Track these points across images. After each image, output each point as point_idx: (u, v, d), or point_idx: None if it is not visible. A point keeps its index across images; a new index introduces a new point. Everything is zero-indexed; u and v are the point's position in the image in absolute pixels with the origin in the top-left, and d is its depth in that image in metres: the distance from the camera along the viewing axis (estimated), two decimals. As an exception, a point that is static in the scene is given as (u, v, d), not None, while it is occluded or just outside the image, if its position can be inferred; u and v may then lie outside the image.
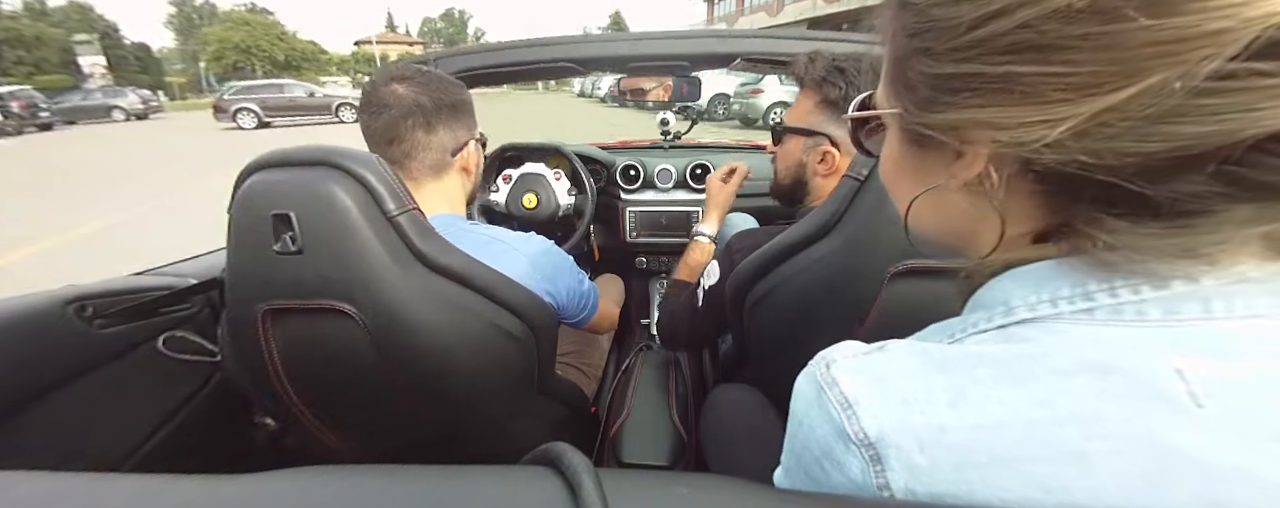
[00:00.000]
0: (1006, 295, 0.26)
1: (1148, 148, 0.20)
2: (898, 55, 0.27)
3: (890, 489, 0.23)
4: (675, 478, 0.25)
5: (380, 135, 0.72)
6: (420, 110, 0.71)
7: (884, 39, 0.29)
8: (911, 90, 0.27)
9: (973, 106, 0.23)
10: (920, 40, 0.25)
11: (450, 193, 0.78)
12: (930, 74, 0.25)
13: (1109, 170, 0.21)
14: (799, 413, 0.28)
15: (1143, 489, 0.19)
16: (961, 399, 0.23)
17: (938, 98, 0.25)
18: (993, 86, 0.22)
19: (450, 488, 0.24)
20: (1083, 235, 0.24)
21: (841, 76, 0.73)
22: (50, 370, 0.67)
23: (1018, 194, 0.26)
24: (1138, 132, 0.20)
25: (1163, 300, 0.22)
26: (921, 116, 0.27)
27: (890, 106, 0.30)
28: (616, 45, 1.09)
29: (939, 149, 0.27)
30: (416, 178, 0.75)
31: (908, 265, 0.55)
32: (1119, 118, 0.20)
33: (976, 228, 0.29)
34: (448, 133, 0.74)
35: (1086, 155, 0.21)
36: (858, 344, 0.28)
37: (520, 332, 0.65)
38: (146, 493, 0.24)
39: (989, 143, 0.23)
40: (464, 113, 0.77)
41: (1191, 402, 0.20)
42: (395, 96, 0.70)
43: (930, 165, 0.29)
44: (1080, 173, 0.21)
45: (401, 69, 0.73)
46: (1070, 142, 0.21)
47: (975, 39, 0.22)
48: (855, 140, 0.39)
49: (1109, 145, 0.20)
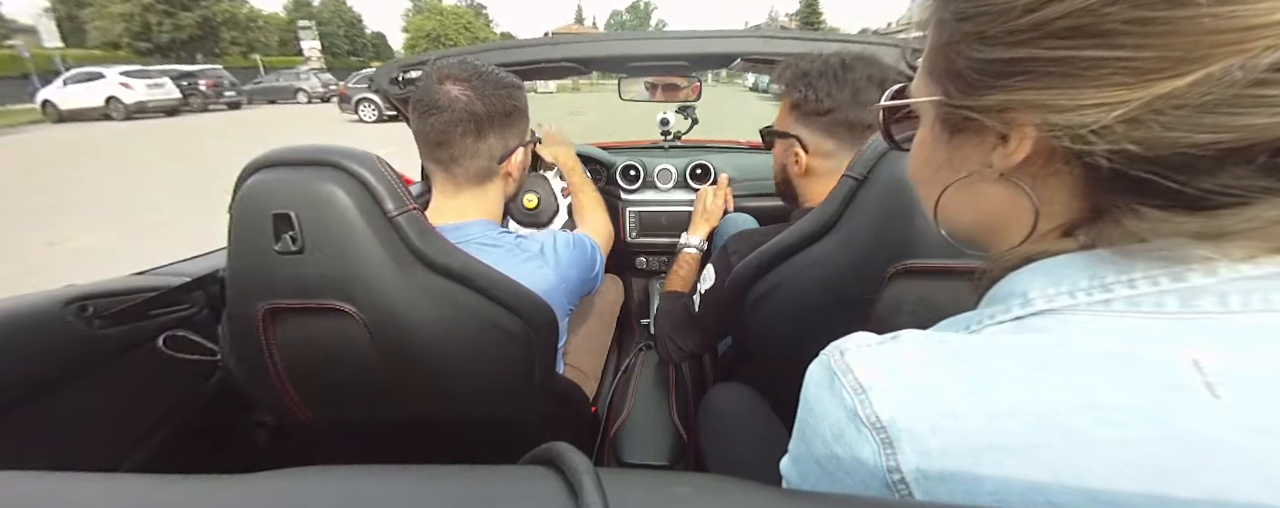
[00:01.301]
0: (1025, 288, 0.26)
1: (1200, 138, 0.20)
2: (943, 41, 0.27)
3: (900, 472, 0.23)
4: (676, 478, 0.25)
5: (429, 137, 0.70)
6: (472, 118, 0.69)
7: (923, 27, 0.29)
8: (957, 76, 0.27)
9: (1024, 89, 0.23)
10: (972, 24, 0.25)
11: (489, 199, 0.77)
12: (981, 59, 0.25)
13: (1155, 163, 0.21)
14: (810, 399, 0.28)
15: (1156, 479, 0.19)
16: (977, 387, 0.23)
17: (987, 82, 0.25)
18: (1048, 70, 0.22)
19: (450, 488, 0.24)
20: (1114, 226, 0.24)
21: (804, 80, 0.75)
22: (50, 370, 0.67)
23: (1056, 185, 0.26)
24: (1192, 121, 0.19)
25: (1180, 293, 0.22)
26: (966, 101, 0.26)
27: (928, 94, 0.30)
28: (617, 45, 1.09)
29: (979, 136, 0.27)
30: (459, 183, 0.73)
31: (907, 265, 0.55)
32: (1175, 105, 0.20)
33: (1008, 219, 0.28)
34: (498, 140, 0.73)
35: (1135, 145, 0.21)
36: (871, 335, 0.28)
37: (520, 331, 0.65)
38: (146, 493, 0.24)
39: (1039, 126, 0.23)
40: (517, 118, 0.75)
41: (1208, 393, 0.20)
42: (449, 98, 0.68)
43: (966, 154, 0.29)
44: (1125, 165, 0.21)
45: (457, 68, 0.70)
46: (1121, 129, 0.21)
47: (1032, 22, 0.22)
48: (885, 133, 0.39)
49: (1162, 135, 0.20)
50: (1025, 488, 0.21)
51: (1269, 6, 0.18)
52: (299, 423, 0.69)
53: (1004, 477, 0.21)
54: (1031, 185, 0.26)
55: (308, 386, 0.65)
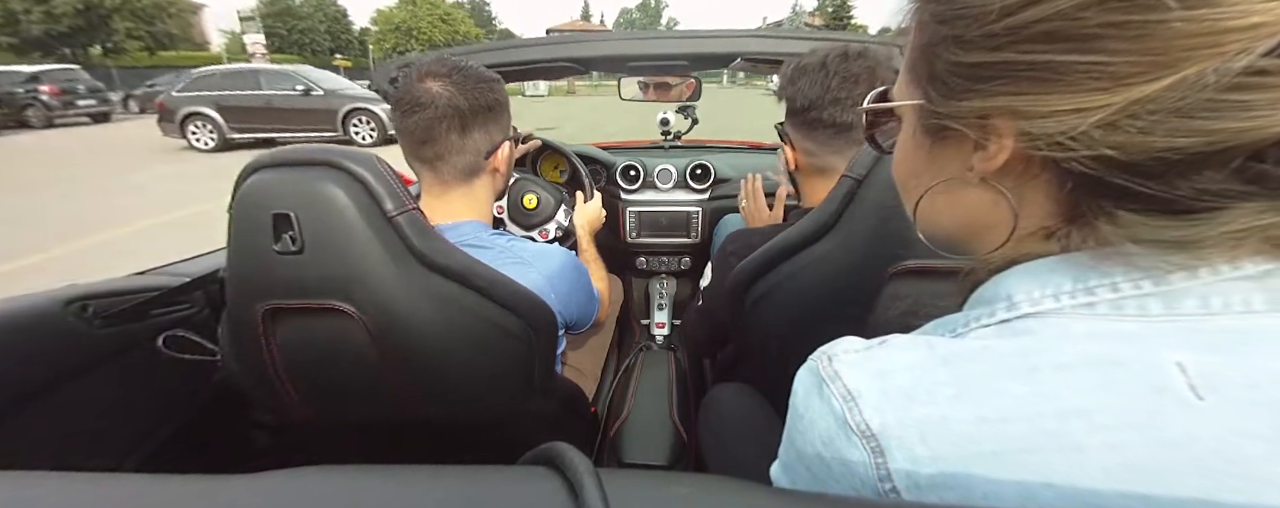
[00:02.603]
0: (1009, 291, 0.26)
1: (1177, 142, 0.20)
2: (924, 44, 0.27)
3: (891, 479, 0.23)
4: (676, 478, 0.25)
5: (414, 135, 0.70)
6: (456, 113, 0.69)
7: (908, 30, 0.29)
8: (936, 80, 0.27)
9: (1002, 94, 0.23)
10: (950, 28, 0.25)
11: (478, 198, 0.77)
12: (959, 63, 0.25)
13: (1132, 168, 0.21)
14: (799, 406, 0.28)
15: (1143, 482, 0.19)
16: (965, 392, 0.23)
17: (964, 86, 0.25)
18: (1024, 74, 0.22)
19: (450, 488, 0.24)
20: (1093, 230, 0.24)
21: (789, 77, 0.76)
22: (50, 370, 0.67)
23: (1035, 189, 0.26)
24: (1168, 125, 0.20)
25: (1163, 296, 0.22)
26: (945, 105, 0.26)
27: (910, 98, 0.30)
28: (617, 45, 1.09)
29: (958, 141, 0.27)
30: (447, 182, 0.73)
31: (907, 265, 0.55)
32: (1150, 110, 0.20)
33: (987, 223, 0.29)
34: (482, 135, 0.73)
35: (1113, 150, 0.21)
36: (858, 340, 0.28)
37: (520, 331, 0.65)
38: (146, 493, 0.24)
39: (1015, 133, 0.23)
40: (500, 112, 0.75)
41: (1192, 395, 0.20)
42: (430, 95, 0.68)
43: (947, 159, 0.29)
44: (1102, 171, 0.21)
45: (437, 64, 0.71)
46: (1098, 134, 0.21)
47: (1009, 26, 0.22)
48: (868, 135, 0.39)
49: (1138, 139, 0.20)
50: (1016, 493, 0.21)
51: (1242, 10, 0.18)
52: (299, 423, 0.69)
53: (995, 482, 0.21)
54: (1011, 189, 0.26)
55: (307, 386, 0.65)
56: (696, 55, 1.08)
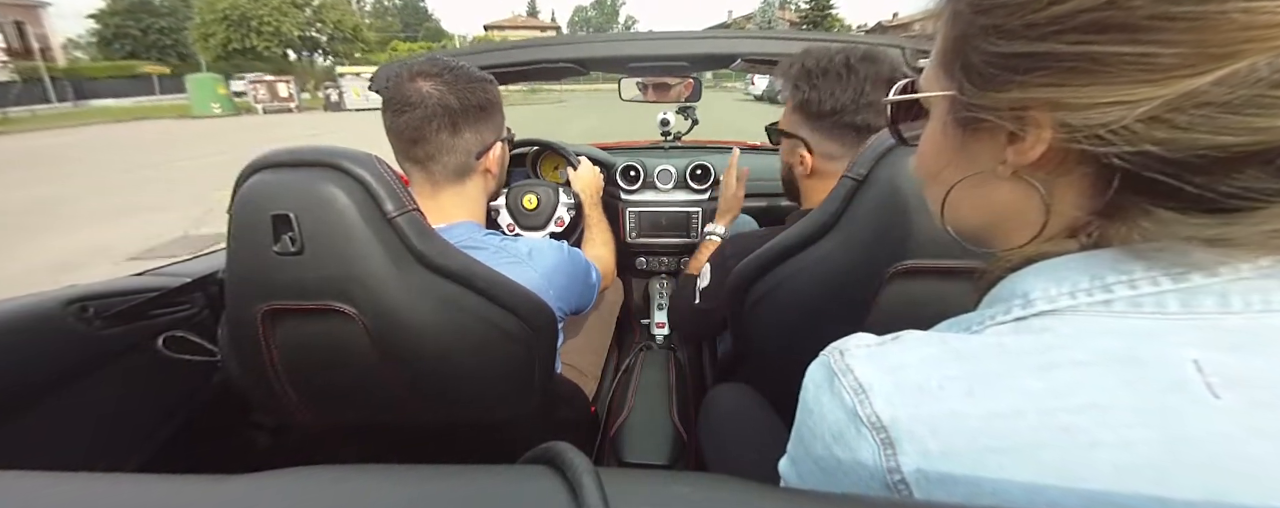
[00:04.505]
0: (1026, 288, 0.26)
1: (1221, 140, 0.19)
2: (958, 34, 0.27)
3: (901, 473, 0.23)
4: (676, 478, 0.25)
5: (404, 135, 0.69)
6: (446, 112, 0.68)
7: (937, 19, 0.29)
8: (971, 71, 0.26)
9: (1042, 86, 0.23)
10: (989, 17, 0.24)
11: (471, 198, 0.76)
12: (997, 53, 0.24)
13: (1173, 164, 0.20)
14: (809, 400, 0.28)
15: (1157, 481, 0.19)
16: (979, 388, 0.23)
17: (1003, 77, 0.24)
18: (1067, 65, 0.22)
19: (450, 488, 0.24)
20: (1125, 227, 0.23)
21: (808, 79, 0.74)
22: (50, 371, 0.67)
23: (1067, 184, 0.25)
24: (1214, 121, 0.19)
25: (1180, 293, 0.22)
26: (981, 97, 0.26)
27: (941, 89, 0.29)
28: (617, 46, 1.10)
29: (991, 133, 0.27)
30: (438, 182, 0.73)
31: (907, 265, 0.55)
32: (1197, 104, 0.19)
33: (1014, 217, 0.28)
34: (474, 135, 0.72)
35: (1155, 145, 0.20)
36: (871, 336, 0.28)
37: (520, 332, 0.65)
38: (146, 493, 0.24)
39: (1054, 125, 0.23)
40: (492, 112, 0.74)
41: (1209, 393, 0.20)
42: (421, 95, 0.68)
43: (977, 151, 0.28)
44: (1141, 166, 0.21)
45: (429, 64, 0.71)
46: (1140, 128, 0.20)
47: (1054, 15, 0.22)
48: (892, 128, 0.39)
49: (1182, 135, 0.20)
50: (1027, 489, 0.21)
51: None
52: (298, 424, 0.69)
53: (1005, 478, 0.21)
54: (1042, 183, 0.26)
55: (307, 386, 0.65)
56: (696, 56, 1.08)
